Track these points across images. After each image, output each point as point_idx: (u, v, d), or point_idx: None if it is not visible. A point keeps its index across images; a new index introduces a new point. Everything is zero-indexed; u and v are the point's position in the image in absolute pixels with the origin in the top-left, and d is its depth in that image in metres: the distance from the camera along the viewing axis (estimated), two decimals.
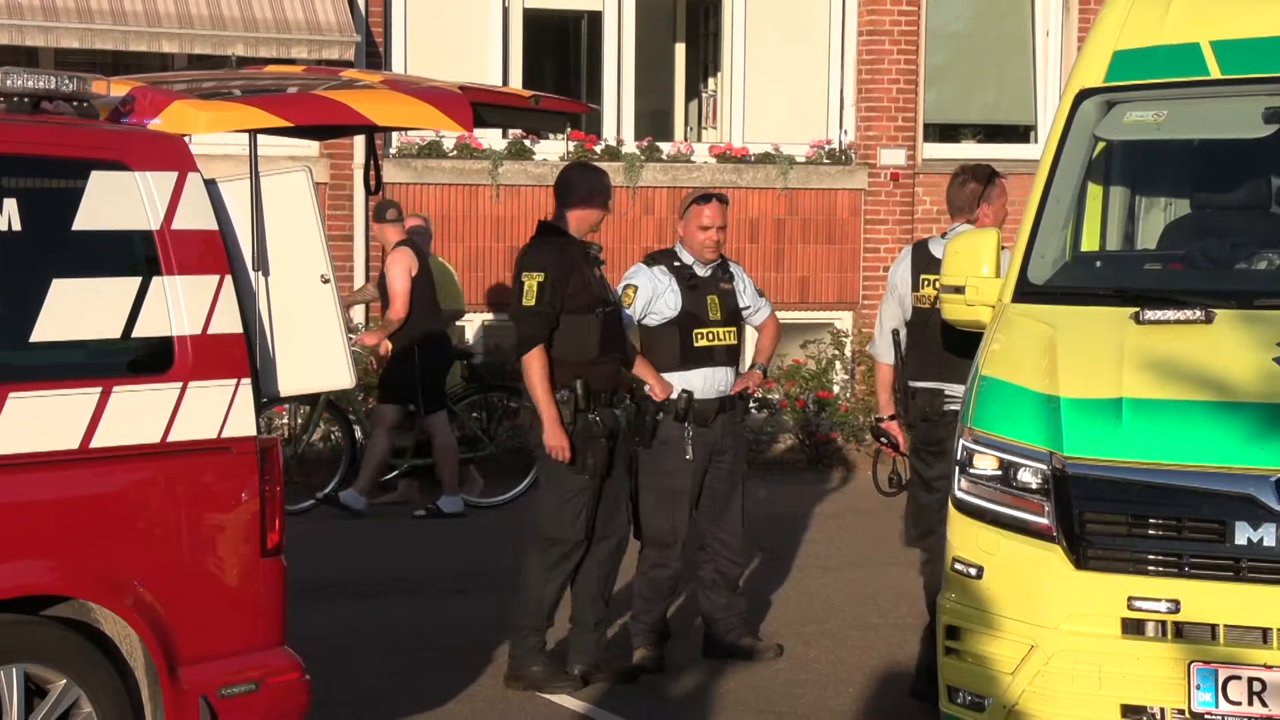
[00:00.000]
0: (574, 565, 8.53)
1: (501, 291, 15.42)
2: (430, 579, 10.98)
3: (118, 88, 6.57)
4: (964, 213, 8.58)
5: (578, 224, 8.56)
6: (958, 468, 6.58)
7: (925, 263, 8.47)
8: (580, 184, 8.61)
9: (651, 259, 9.12)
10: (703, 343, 8.92)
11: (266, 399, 6.62)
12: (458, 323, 14.26)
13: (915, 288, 8.49)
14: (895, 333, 8.59)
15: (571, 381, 8.35)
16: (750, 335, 9.60)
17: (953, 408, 7.88)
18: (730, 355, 9.01)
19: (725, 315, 8.99)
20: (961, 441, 6.58)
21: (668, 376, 8.81)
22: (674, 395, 8.77)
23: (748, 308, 9.19)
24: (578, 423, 8.36)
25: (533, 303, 8.30)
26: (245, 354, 6.35)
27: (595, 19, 16.46)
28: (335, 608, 9.96)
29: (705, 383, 8.89)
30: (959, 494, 6.55)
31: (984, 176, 8.64)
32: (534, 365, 8.32)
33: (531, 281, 8.31)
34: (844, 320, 16.63)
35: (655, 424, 8.72)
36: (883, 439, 8.80)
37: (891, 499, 8.95)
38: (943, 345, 8.15)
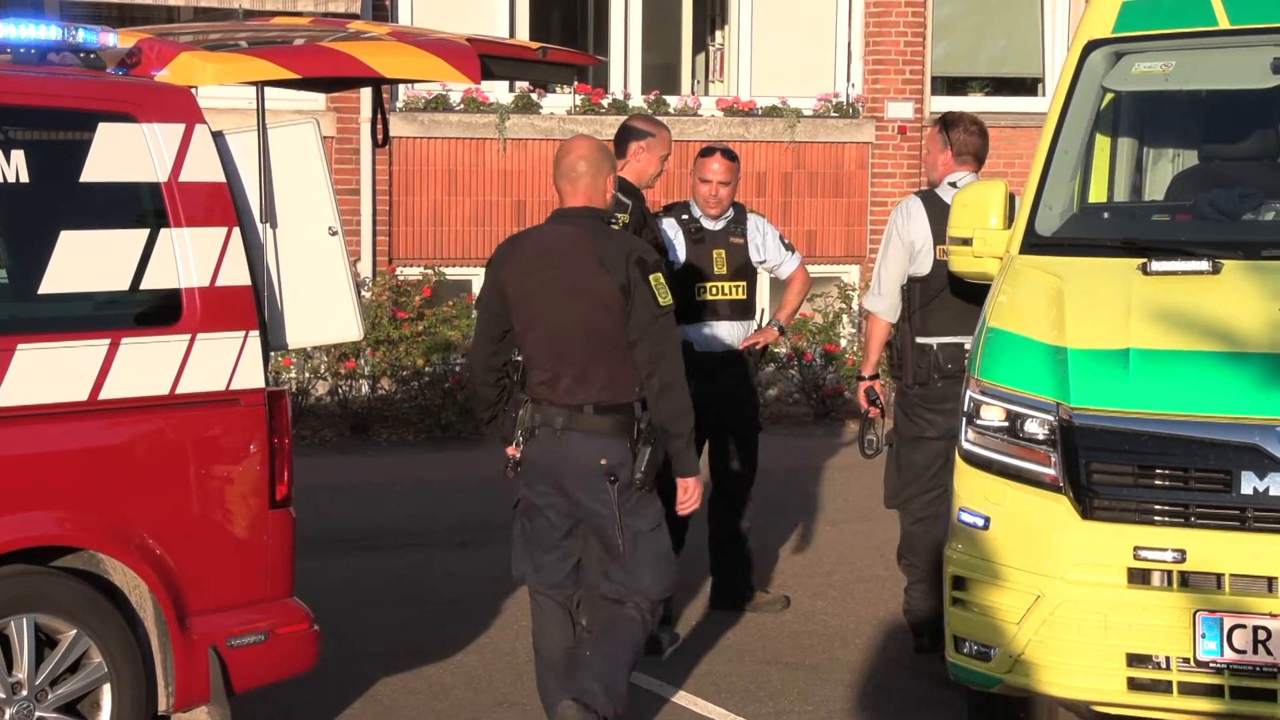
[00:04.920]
0: None
1: None
2: (434, 532, 11.02)
3: (124, 39, 6.57)
4: (974, 162, 8.45)
5: (639, 176, 8.55)
6: (964, 419, 6.59)
7: (945, 214, 8.29)
8: (641, 135, 8.58)
9: (665, 210, 9.11)
10: (705, 297, 8.89)
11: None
12: None
13: (940, 240, 8.17)
14: (904, 289, 8.42)
15: None
16: (765, 290, 9.54)
17: None
18: (736, 310, 8.97)
19: (732, 270, 8.95)
20: (969, 393, 6.58)
21: None
22: None
23: (764, 261, 9.14)
24: None
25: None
26: (253, 306, 6.36)
27: None
28: (339, 561, 10.00)
29: (705, 337, 8.88)
30: (966, 445, 6.55)
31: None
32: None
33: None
34: (851, 274, 16.60)
35: None
36: (874, 400, 8.60)
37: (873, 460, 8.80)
38: (966, 299, 8.01)
